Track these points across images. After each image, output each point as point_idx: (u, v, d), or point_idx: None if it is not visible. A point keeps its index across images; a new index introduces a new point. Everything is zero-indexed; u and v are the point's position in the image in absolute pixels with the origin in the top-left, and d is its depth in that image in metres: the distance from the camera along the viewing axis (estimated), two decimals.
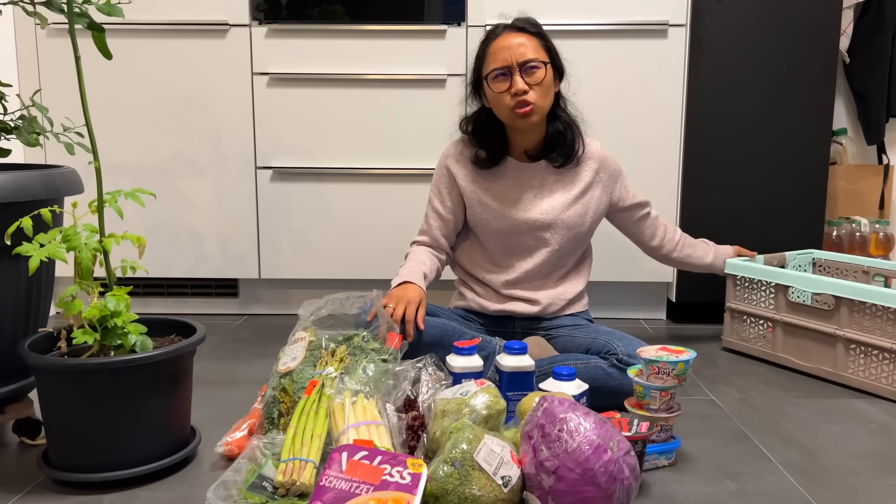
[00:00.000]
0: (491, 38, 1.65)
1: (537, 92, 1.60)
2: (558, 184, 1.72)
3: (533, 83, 1.60)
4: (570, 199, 1.71)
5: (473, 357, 1.45)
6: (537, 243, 1.72)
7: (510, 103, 1.61)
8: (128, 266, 1.30)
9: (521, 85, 1.59)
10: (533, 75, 1.60)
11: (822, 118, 2.22)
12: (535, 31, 1.64)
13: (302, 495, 1.11)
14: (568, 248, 1.74)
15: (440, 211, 1.76)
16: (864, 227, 2.44)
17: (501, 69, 1.61)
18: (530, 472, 1.08)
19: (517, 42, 1.61)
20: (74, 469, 1.23)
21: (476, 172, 1.73)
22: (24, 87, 2.24)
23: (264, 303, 2.42)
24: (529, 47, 1.61)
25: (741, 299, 2.02)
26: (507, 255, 1.74)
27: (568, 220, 1.71)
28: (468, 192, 1.73)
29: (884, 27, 2.49)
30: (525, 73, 1.60)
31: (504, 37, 1.63)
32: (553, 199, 1.71)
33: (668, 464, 1.33)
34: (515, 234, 1.71)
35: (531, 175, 1.72)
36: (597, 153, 1.76)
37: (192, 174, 2.29)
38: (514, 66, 1.60)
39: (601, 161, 1.75)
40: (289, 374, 1.37)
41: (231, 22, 2.21)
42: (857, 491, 1.25)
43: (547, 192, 1.71)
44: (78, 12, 1.27)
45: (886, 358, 1.68)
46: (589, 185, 1.74)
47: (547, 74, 1.62)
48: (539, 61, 1.61)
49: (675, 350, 1.36)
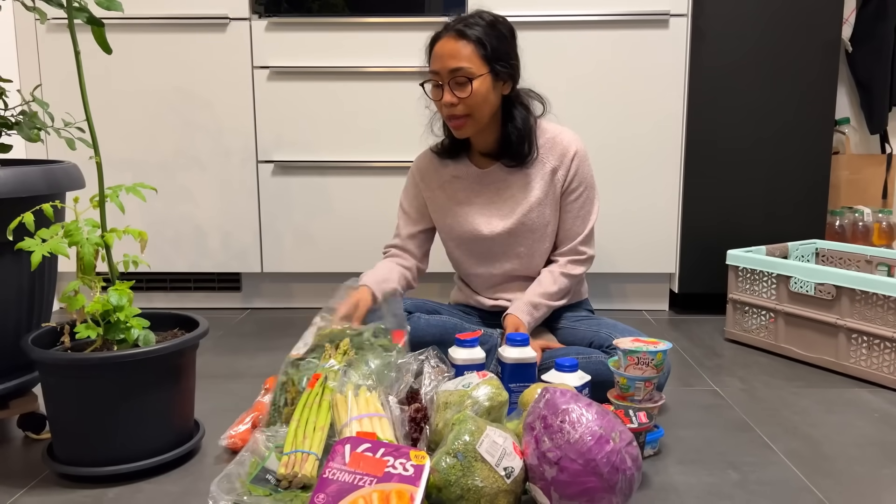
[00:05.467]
0: (435, 38, 1.58)
1: (467, 104, 1.53)
2: (516, 186, 1.65)
3: (462, 96, 1.52)
4: (532, 203, 1.64)
5: (475, 349, 1.45)
6: (504, 249, 1.68)
7: (444, 113, 1.58)
8: (130, 261, 1.30)
9: (448, 98, 1.53)
10: (462, 89, 1.52)
11: (824, 107, 2.21)
12: (475, 35, 1.52)
13: (305, 487, 1.12)
14: (539, 248, 1.68)
15: (409, 212, 1.75)
16: (867, 217, 2.44)
17: (435, 77, 1.56)
18: (533, 464, 1.08)
19: (450, 50, 1.52)
20: (79, 463, 1.23)
21: (439, 179, 1.71)
22: (25, 82, 2.24)
23: (267, 296, 2.43)
24: (461, 57, 1.51)
25: (743, 290, 2.02)
26: (475, 261, 1.72)
27: (530, 223, 1.65)
28: (430, 199, 1.72)
29: (886, 16, 2.47)
30: (454, 85, 1.52)
31: (442, 42, 1.54)
32: (512, 205, 1.65)
33: (654, 453, 1.34)
34: (479, 242, 1.68)
35: (491, 180, 1.67)
36: (563, 145, 1.64)
37: (193, 168, 2.29)
38: (444, 77, 1.53)
39: (562, 155, 1.63)
40: (296, 362, 1.39)
41: (231, 15, 2.21)
42: (860, 480, 1.25)
43: (505, 197, 1.66)
44: (77, 7, 1.27)
45: (888, 347, 1.68)
46: (549, 183, 1.64)
47: (479, 87, 1.52)
48: (466, 75, 1.51)
49: (650, 341, 1.38)
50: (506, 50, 1.57)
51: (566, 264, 1.67)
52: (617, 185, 2.26)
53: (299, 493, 1.11)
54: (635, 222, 2.28)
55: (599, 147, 2.23)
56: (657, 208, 2.27)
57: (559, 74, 2.21)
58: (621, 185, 2.26)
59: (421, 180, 1.74)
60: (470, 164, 1.69)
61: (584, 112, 2.23)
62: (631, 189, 2.26)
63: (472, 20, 1.55)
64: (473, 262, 1.73)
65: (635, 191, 2.26)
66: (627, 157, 2.25)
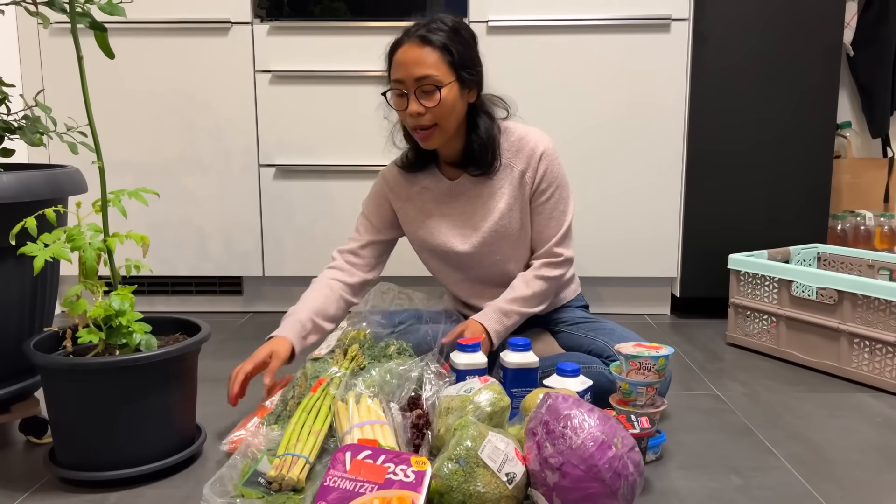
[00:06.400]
0: (395, 45, 1.51)
1: (434, 113, 1.47)
2: (486, 194, 1.61)
3: (429, 105, 1.47)
4: (503, 210, 1.59)
5: (477, 354, 1.45)
6: (479, 259, 1.64)
7: (409, 124, 1.52)
8: (132, 265, 1.30)
9: (414, 107, 1.47)
10: (429, 97, 1.46)
11: (826, 111, 2.21)
12: (440, 42, 1.46)
13: (297, 490, 1.12)
14: (513, 255, 1.64)
15: (372, 220, 1.69)
16: (869, 221, 2.43)
17: (398, 86, 1.49)
18: (535, 469, 1.08)
19: (414, 58, 1.46)
20: (81, 467, 1.23)
21: (408, 191, 1.66)
22: (28, 87, 2.25)
23: (268, 300, 2.43)
24: (427, 64, 1.45)
25: (745, 294, 2.01)
26: (451, 269, 1.69)
27: (502, 230, 1.60)
28: (400, 211, 1.68)
29: (888, 19, 2.48)
30: (420, 94, 1.46)
31: (404, 48, 1.48)
32: (483, 213, 1.61)
33: (655, 458, 1.34)
34: (452, 255, 1.65)
35: (460, 191, 1.63)
36: (530, 147, 1.59)
37: (195, 172, 2.29)
38: (409, 86, 1.47)
39: (529, 157, 1.58)
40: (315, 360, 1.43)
41: (233, 20, 2.21)
42: (862, 485, 1.25)
43: (476, 206, 1.62)
44: (80, 12, 1.27)
45: (890, 352, 1.68)
46: (517, 187, 1.59)
47: (446, 96, 1.47)
48: (434, 83, 1.45)
49: (652, 346, 1.38)
50: (470, 56, 1.52)
51: (541, 267, 1.61)
52: (619, 188, 2.26)
53: (292, 495, 1.12)
54: (637, 226, 2.28)
55: (601, 151, 2.23)
56: (658, 212, 2.27)
57: (561, 78, 2.21)
58: (623, 189, 2.26)
59: (390, 192, 1.68)
60: (439, 174, 1.65)
61: (586, 115, 2.23)
62: (632, 193, 2.26)
63: (434, 26, 1.48)
64: (450, 271, 1.70)
65: (636, 194, 2.26)
66: (629, 161, 2.25)
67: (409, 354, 1.46)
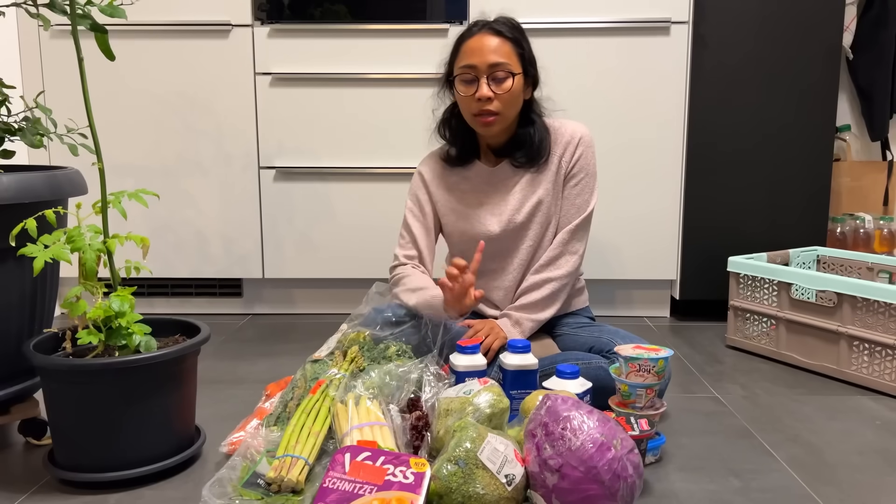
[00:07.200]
0: (466, 35, 1.58)
1: (502, 101, 1.54)
2: (525, 180, 1.65)
3: (499, 91, 1.53)
4: (541, 196, 1.63)
5: (477, 356, 1.45)
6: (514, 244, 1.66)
7: (474, 109, 1.56)
8: (132, 266, 1.31)
9: (486, 91, 1.52)
10: (500, 84, 1.53)
11: (825, 114, 2.21)
12: (511, 35, 1.56)
13: (295, 491, 1.12)
14: (542, 242, 1.66)
15: (422, 220, 1.71)
16: (869, 224, 2.44)
17: (469, 71, 1.55)
18: (534, 471, 1.08)
19: (489, 46, 1.53)
20: (80, 469, 1.23)
21: (448, 182, 1.69)
22: (28, 88, 2.25)
23: (268, 302, 2.43)
24: (502, 53, 1.53)
25: (745, 297, 2.01)
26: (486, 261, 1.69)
27: (539, 216, 1.64)
28: (440, 202, 1.70)
29: (887, 23, 2.48)
30: (492, 80, 1.53)
31: (478, 37, 1.55)
32: (520, 199, 1.64)
33: (655, 460, 1.34)
34: (489, 242, 1.65)
35: (499, 178, 1.66)
36: (569, 132, 1.65)
37: (195, 174, 2.29)
38: (482, 71, 1.53)
39: (567, 142, 1.64)
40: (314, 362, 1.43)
41: (233, 22, 2.21)
42: (862, 488, 1.25)
43: (514, 193, 1.65)
44: (81, 14, 1.27)
45: (890, 355, 1.68)
46: (555, 174, 1.64)
47: (515, 84, 1.54)
48: (508, 70, 1.53)
49: (652, 348, 1.38)
50: (532, 56, 1.61)
51: (549, 266, 1.64)
52: (618, 191, 2.26)
53: (291, 496, 1.12)
54: (636, 229, 2.28)
55: (601, 153, 2.23)
56: (658, 215, 2.27)
57: (562, 80, 2.21)
58: (623, 191, 2.26)
59: (431, 182, 1.72)
60: (479, 164, 1.69)
61: (587, 117, 2.22)
62: (632, 195, 2.27)
63: (503, 22, 1.57)
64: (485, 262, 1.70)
65: (637, 197, 2.27)
66: (629, 164, 2.25)
67: (409, 356, 1.46)
